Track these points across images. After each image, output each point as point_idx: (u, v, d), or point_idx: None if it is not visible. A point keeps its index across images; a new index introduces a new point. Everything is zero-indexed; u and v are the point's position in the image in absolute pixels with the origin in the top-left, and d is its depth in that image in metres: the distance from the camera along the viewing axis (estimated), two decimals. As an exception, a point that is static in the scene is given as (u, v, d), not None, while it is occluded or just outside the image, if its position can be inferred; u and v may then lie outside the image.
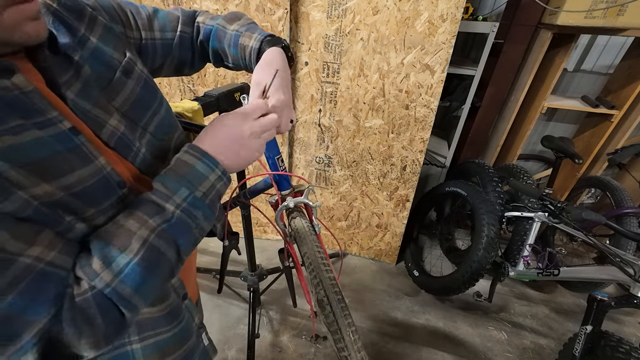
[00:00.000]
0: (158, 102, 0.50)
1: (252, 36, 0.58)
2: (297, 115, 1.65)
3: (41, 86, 0.36)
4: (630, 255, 1.26)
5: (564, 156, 1.68)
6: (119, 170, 0.42)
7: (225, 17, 0.61)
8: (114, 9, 0.49)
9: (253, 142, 0.47)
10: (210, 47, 0.61)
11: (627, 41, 1.92)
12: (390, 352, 1.49)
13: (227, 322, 1.56)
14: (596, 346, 1.13)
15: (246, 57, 0.59)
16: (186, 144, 0.44)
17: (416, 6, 1.26)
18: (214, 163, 0.44)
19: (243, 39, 0.58)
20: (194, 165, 0.42)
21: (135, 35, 0.52)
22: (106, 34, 0.45)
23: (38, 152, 0.33)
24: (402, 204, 1.76)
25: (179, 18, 0.59)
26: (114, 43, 0.46)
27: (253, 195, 0.99)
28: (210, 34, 0.60)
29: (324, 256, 0.69)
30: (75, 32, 0.41)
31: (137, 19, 0.53)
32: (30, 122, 0.33)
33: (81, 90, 0.40)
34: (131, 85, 0.46)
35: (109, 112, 0.43)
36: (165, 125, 0.51)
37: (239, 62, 0.61)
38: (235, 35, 0.59)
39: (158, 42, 0.56)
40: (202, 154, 0.43)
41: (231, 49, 0.60)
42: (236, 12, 0.64)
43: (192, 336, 0.57)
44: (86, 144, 0.38)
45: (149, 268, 0.38)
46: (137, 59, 0.50)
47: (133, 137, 0.45)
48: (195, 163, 0.42)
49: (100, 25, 0.44)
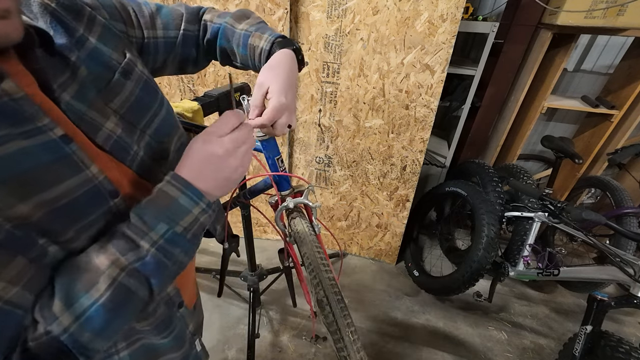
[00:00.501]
0: (158, 104, 0.49)
1: (263, 37, 0.57)
2: (297, 115, 1.65)
3: (33, 91, 0.35)
4: (630, 255, 1.26)
5: (564, 156, 1.68)
6: (113, 178, 0.40)
7: (233, 15, 0.60)
8: (115, 7, 0.47)
9: (230, 161, 0.42)
10: (218, 45, 0.60)
11: (627, 41, 1.92)
12: (390, 352, 1.49)
13: (227, 322, 1.56)
14: (596, 346, 1.13)
15: (255, 57, 0.58)
16: (170, 172, 0.41)
17: (416, 6, 1.26)
18: (198, 196, 0.40)
19: (253, 39, 0.57)
20: (177, 198, 0.39)
21: (137, 34, 0.51)
22: (106, 34, 0.43)
23: (20, 165, 0.32)
24: (402, 204, 1.76)
25: (183, 16, 0.57)
26: (113, 43, 0.44)
27: (253, 195, 0.99)
28: (218, 33, 0.59)
29: (324, 256, 0.69)
30: (73, 32, 0.40)
31: (140, 17, 0.51)
32: (17, 131, 0.31)
33: (77, 92, 0.38)
34: (130, 86, 0.45)
35: (106, 115, 0.41)
36: (166, 126, 0.50)
37: (248, 62, 0.60)
38: (245, 35, 0.57)
39: (160, 41, 0.54)
40: (186, 185, 0.40)
41: (240, 49, 0.58)
42: (244, 10, 0.62)
43: (184, 344, 0.56)
44: (78, 152, 0.36)
45: (116, 309, 0.36)
46: (138, 59, 0.48)
47: (131, 141, 0.44)
48: (177, 196, 0.39)
49: (99, 25, 0.43)
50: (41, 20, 0.38)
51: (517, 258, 1.57)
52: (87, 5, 0.42)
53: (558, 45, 1.72)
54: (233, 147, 0.42)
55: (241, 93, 1.02)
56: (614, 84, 1.91)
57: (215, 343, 1.47)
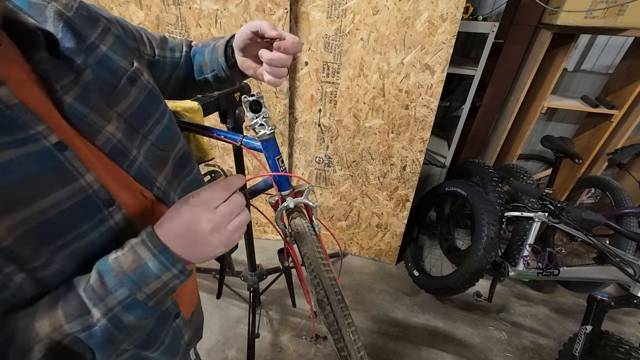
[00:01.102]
0: (161, 112, 0.50)
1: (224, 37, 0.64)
2: (297, 115, 1.65)
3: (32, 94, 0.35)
4: (630, 255, 1.26)
5: (564, 156, 1.68)
6: (109, 186, 0.40)
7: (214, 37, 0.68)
8: (130, 28, 0.52)
9: (214, 237, 0.39)
10: (195, 62, 0.66)
11: (627, 41, 1.92)
12: (390, 352, 1.49)
13: (227, 322, 1.56)
14: (596, 346, 1.13)
15: (218, 53, 0.62)
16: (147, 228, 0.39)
17: (416, 6, 1.26)
18: (172, 262, 0.37)
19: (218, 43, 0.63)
20: (146, 262, 0.36)
21: (149, 52, 0.57)
22: (117, 44, 0.46)
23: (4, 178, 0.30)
24: (402, 203, 1.76)
25: (183, 42, 0.67)
26: (123, 52, 0.46)
27: (253, 195, 0.99)
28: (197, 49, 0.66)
29: (324, 256, 0.69)
30: (84, 38, 0.41)
31: (152, 40, 0.58)
32: (7, 140, 0.31)
33: (80, 94, 0.39)
34: (135, 93, 0.46)
35: (107, 118, 0.42)
36: (168, 134, 0.51)
37: (214, 65, 0.63)
38: (215, 43, 0.64)
39: (168, 60, 0.62)
40: (160, 250, 0.37)
41: (208, 56, 0.64)
42: None
43: (177, 355, 0.55)
44: (72, 160, 0.36)
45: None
46: (145, 69, 0.50)
47: (130, 145, 0.44)
48: (148, 259, 0.36)
49: (112, 35, 0.45)
50: (51, 24, 0.39)
51: (517, 258, 1.57)
52: (104, 17, 0.46)
53: (558, 45, 1.72)
54: (223, 222, 0.40)
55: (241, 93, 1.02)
56: (614, 84, 1.91)
57: (215, 343, 1.47)
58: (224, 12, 1.35)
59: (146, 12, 1.37)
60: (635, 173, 2.06)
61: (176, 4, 1.35)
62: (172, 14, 1.37)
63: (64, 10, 0.40)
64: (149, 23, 1.39)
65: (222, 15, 1.36)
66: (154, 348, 0.49)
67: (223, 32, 1.40)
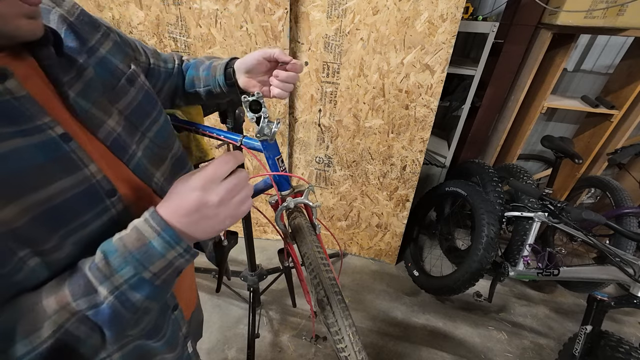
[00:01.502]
0: (158, 112, 0.53)
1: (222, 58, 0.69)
2: (297, 115, 1.65)
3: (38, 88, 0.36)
4: (630, 255, 1.26)
5: (564, 156, 1.68)
6: (111, 177, 0.41)
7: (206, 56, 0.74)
8: (126, 38, 0.55)
9: (221, 210, 0.39)
10: (187, 75, 0.70)
11: (627, 41, 1.92)
12: (390, 352, 1.49)
13: (227, 322, 1.56)
14: (596, 346, 1.13)
15: (217, 72, 0.67)
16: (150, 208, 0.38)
17: (416, 6, 1.26)
18: (176, 240, 0.37)
19: (215, 63, 0.69)
20: (150, 240, 0.36)
21: (145, 60, 0.61)
22: (115, 49, 0.48)
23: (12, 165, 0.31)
24: (402, 203, 1.76)
25: (174, 55, 0.72)
26: (121, 56, 0.49)
27: (253, 195, 0.99)
28: (190, 64, 0.71)
29: (324, 256, 0.69)
30: (85, 41, 0.43)
31: (147, 50, 0.62)
32: (14, 130, 0.32)
33: (82, 90, 0.41)
34: (133, 92, 0.48)
35: (109, 113, 0.44)
36: (165, 133, 0.54)
37: (209, 81, 0.68)
38: (210, 62, 0.70)
39: (162, 69, 0.66)
40: (163, 227, 0.36)
41: (203, 72, 0.68)
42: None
43: (177, 346, 0.56)
44: (77, 150, 0.37)
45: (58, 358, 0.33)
46: (141, 72, 0.53)
47: (130, 140, 0.46)
48: (152, 238, 0.36)
49: (111, 40, 0.48)
50: (54, 26, 0.41)
51: (517, 258, 1.57)
52: (105, 25, 0.49)
53: (558, 45, 1.72)
54: (229, 196, 0.40)
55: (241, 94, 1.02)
56: (613, 84, 1.91)
57: (215, 343, 1.47)
58: (224, 12, 1.35)
59: (146, 12, 1.37)
60: (635, 173, 2.06)
61: (176, 4, 1.35)
62: (172, 14, 1.37)
63: (67, 15, 0.42)
64: (149, 23, 1.39)
65: (222, 15, 1.36)
66: (158, 337, 0.50)
67: (223, 32, 1.40)
